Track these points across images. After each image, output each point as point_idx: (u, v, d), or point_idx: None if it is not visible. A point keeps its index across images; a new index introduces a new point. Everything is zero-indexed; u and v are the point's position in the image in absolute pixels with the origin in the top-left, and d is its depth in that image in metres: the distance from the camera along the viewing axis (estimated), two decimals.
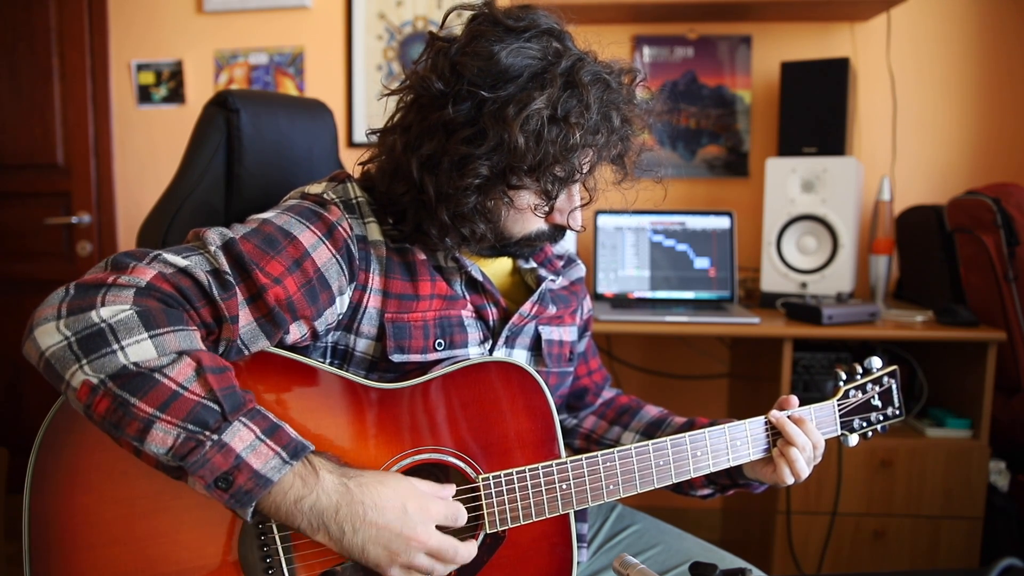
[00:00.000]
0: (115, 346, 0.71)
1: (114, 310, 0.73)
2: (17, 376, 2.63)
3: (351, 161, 1.11)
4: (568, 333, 1.13)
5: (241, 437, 0.73)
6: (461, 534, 0.91)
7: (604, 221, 2.16)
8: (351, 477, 0.78)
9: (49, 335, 0.72)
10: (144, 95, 2.58)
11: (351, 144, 2.52)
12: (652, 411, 1.20)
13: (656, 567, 1.10)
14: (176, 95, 2.57)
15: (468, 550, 0.85)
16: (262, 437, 0.74)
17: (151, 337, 0.72)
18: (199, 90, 2.56)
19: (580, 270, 1.21)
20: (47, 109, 2.59)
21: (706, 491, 1.13)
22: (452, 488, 0.87)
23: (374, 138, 1.00)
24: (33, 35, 2.56)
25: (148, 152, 2.60)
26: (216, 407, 0.72)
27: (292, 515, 0.75)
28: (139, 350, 0.72)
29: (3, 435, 2.57)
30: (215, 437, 0.71)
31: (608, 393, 1.27)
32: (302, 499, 0.75)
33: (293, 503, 0.75)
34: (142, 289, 0.75)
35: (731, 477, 1.09)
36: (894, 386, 1.13)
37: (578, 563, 0.98)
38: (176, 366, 0.73)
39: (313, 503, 0.75)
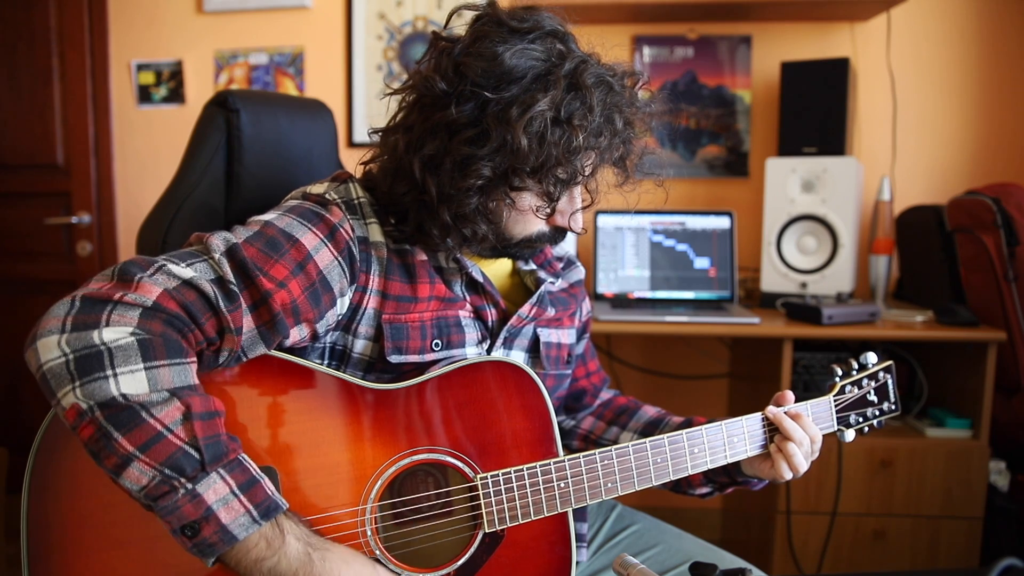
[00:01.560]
0: (108, 372, 0.71)
1: (117, 333, 0.72)
2: (17, 376, 2.63)
3: (351, 161, 1.11)
4: (566, 335, 1.13)
5: (215, 489, 0.72)
6: (459, 533, 0.91)
7: (604, 221, 2.16)
8: (316, 548, 0.78)
9: (50, 349, 0.71)
10: (144, 95, 2.58)
11: (351, 144, 2.52)
12: (650, 411, 1.20)
13: (656, 567, 1.10)
14: (176, 95, 2.57)
15: None
16: (236, 492, 0.74)
17: (146, 369, 0.72)
18: (199, 90, 2.56)
19: (579, 272, 1.21)
20: (47, 109, 2.59)
21: (704, 489, 1.13)
22: None
23: (376, 137, 1.00)
24: (33, 35, 2.56)
25: (148, 152, 2.60)
26: (196, 455, 0.72)
27: (251, 573, 0.75)
28: (132, 381, 0.71)
29: (3, 435, 2.57)
30: (189, 486, 0.71)
31: (606, 394, 1.27)
32: (263, 560, 0.74)
33: (254, 562, 0.74)
34: (148, 309, 0.74)
35: (729, 475, 1.09)
36: (890, 381, 1.13)
37: (577, 563, 0.98)
38: (165, 407, 0.72)
39: (273, 566, 0.75)
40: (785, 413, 1.03)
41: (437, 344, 0.96)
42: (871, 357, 1.11)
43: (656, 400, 1.32)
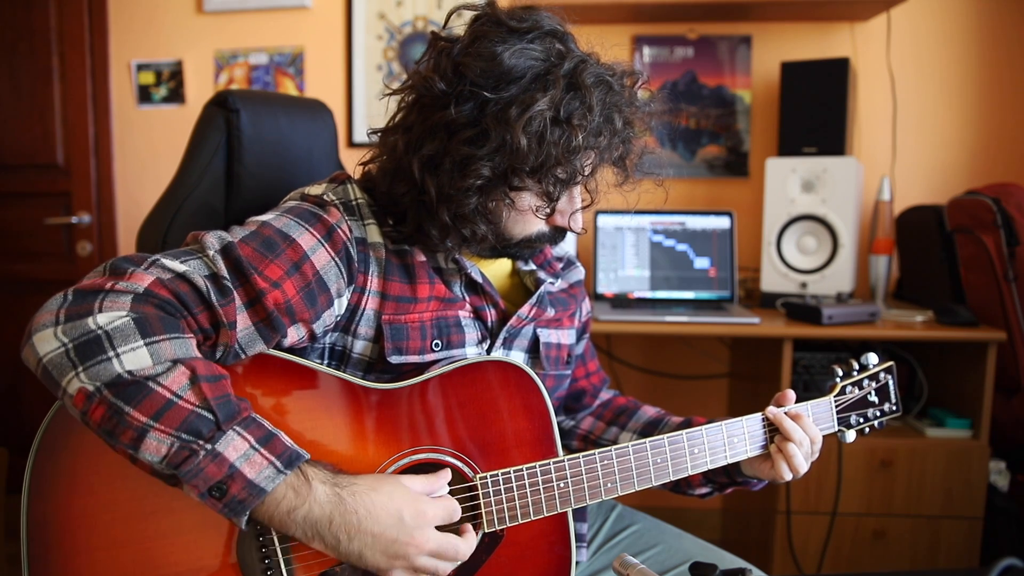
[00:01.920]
0: (111, 353, 0.71)
1: (111, 316, 0.73)
2: (17, 376, 2.63)
3: (351, 161, 1.11)
4: (566, 336, 1.13)
5: (235, 446, 0.73)
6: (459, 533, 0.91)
7: (604, 221, 2.16)
8: (344, 486, 0.78)
9: (47, 342, 0.72)
10: (144, 95, 2.58)
11: (351, 144, 2.52)
12: (649, 411, 1.20)
13: (656, 567, 1.10)
14: (176, 95, 2.57)
15: (468, 544, 0.85)
16: (256, 446, 0.74)
17: (147, 345, 0.72)
18: (199, 90, 2.56)
19: (579, 273, 1.21)
20: (47, 109, 2.59)
21: (704, 490, 1.13)
22: (446, 477, 0.87)
23: (375, 138, 1.00)
24: (33, 35, 2.56)
25: (148, 152, 2.60)
26: (210, 416, 0.72)
27: (286, 524, 0.75)
28: (134, 358, 0.72)
29: (3, 435, 2.57)
30: (208, 447, 0.71)
31: (606, 394, 1.27)
32: (295, 510, 0.75)
33: (286, 513, 0.75)
34: (140, 295, 0.75)
35: (729, 475, 1.09)
36: (891, 382, 1.13)
37: (577, 563, 0.98)
38: (170, 375, 0.73)
39: (306, 514, 0.75)
40: (785, 414, 1.02)
41: (437, 344, 0.96)
42: (872, 358, 1.11)
43: (656, 400, 1.32)
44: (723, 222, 2.16)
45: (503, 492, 0.91)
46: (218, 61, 2.55)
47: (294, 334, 0.86)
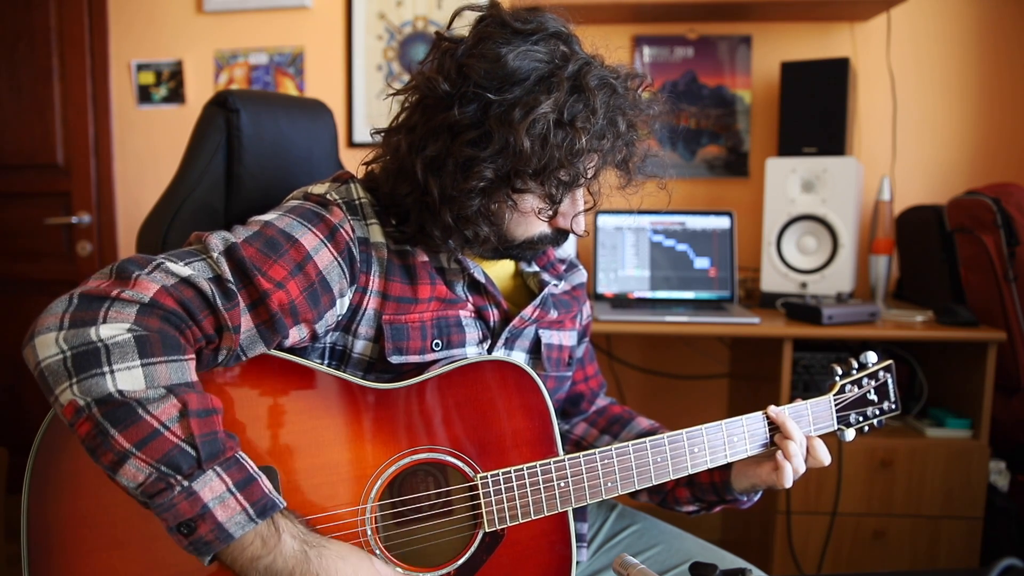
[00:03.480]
0: (106, 369, 0.71)
1: (114, 330, 0.72)
2: (17, 376, 2.63)
3: (351, 161, 1.10)
4: (568, 338, 1.13)
5: (212, 487, 0.72)
6: (459, 532, 0.91)
7: (604, 221, 2.16)
8: (313, 546, 0.78)
9: (48, 346, 0.72)
10: (144, 95, 2.58)
11: (351, 144, 2.52)
12: (643, 423, 1.20)
13: (656, 567, 1.10)
14: (176, 95, 2.57)
15: None
16: (233, 490, 0.74)
17: (143, 365, 0.72)
18: (199, 90, 2.56)
19: (581, 275, 1.21)
20: (47, 109, 2.59)
21: (691, 507, 1.13)
22: None
23: (377, 138, 1.00)
24: (33, 35, 2.56)
25: (148, 152, 2.60)
26: (192, 452, 0.72)
27: (247, 571, 0.75)
28: (128, 377, 0.71)
29: (3, 435, 2.57)
30: (185, 483, 0.71)
31: (602, 401, 1.27)
32: (258, 559, 0.75)
33: (249, 560, 0.74)
34: (145, 306, 0.74)
35: (718, 493, 1.09)
36: (890, 380, 1.13)
37: (577, 563, 0.98)
38: (162, 404, 0.72)
39: (268, 564, 0.75)
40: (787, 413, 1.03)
41: (437, 344, 0.96)
42: (871, 356, 1.11)
43: (656, 400, 1.32)
44: (723, 222, 2.16)
45: (503, 491, 0.91)
46: (218, 61, 2.55)
47: (296, 334, 0.86)
